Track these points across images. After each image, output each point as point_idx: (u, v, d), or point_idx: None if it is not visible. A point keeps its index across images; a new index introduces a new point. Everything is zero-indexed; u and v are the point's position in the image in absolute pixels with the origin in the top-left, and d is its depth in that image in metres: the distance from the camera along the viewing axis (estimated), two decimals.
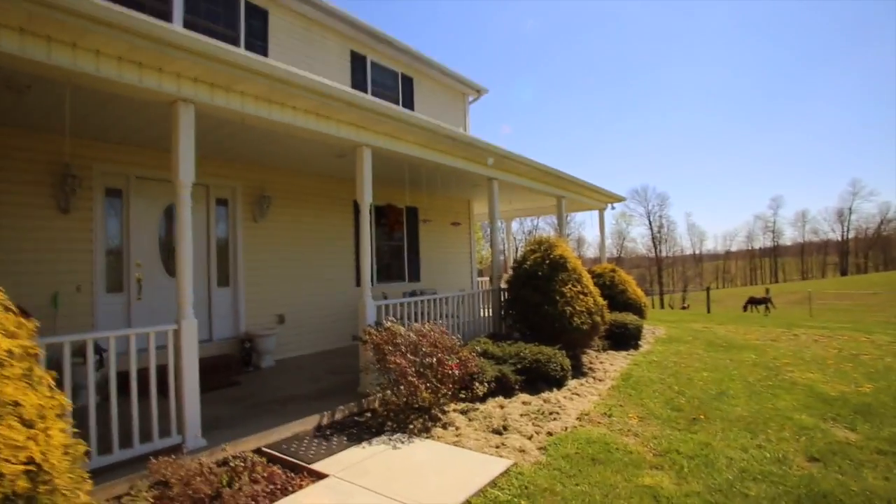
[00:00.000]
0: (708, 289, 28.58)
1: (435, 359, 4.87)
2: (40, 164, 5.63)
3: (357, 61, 9.62)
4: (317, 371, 6.88)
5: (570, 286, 7.40)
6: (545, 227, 44.82)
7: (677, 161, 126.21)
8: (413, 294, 9.42)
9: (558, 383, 6.40)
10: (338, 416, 5.02)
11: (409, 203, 10.65)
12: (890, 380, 6.59)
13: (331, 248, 8.76)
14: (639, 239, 66.77)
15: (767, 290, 28.91)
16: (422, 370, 4.84)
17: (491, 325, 8.15)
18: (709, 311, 24.66)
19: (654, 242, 62.01)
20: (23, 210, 5.52)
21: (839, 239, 70.76)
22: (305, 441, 4.42)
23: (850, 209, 68.35)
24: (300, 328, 8.13)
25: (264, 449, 4.21)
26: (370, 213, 10.05)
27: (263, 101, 4.63)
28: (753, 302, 27.74)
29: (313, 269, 8.43)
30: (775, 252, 72.39)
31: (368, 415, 5.14)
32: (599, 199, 12.86)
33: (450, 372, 4.84)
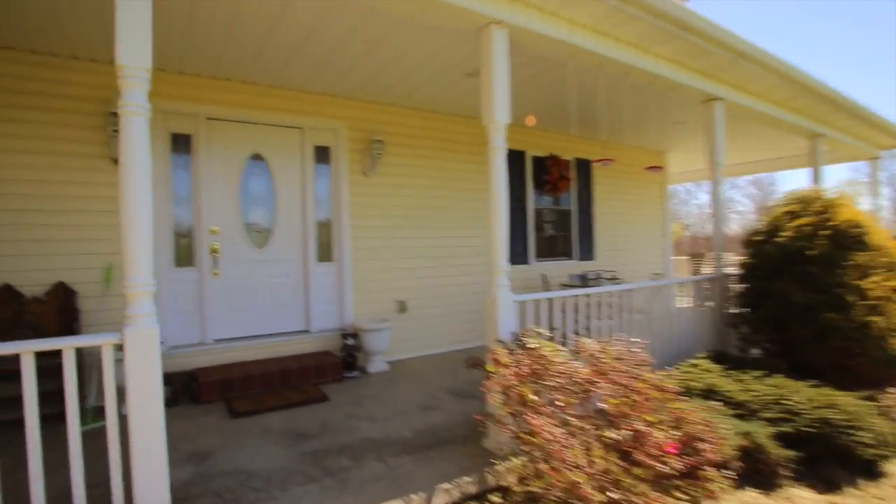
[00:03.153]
0: None
1: (626, 431, 2.32)
2: (86, 103, 4.35)
3: None
4: (436, 387, 4.77)
5: (874, 278, 4.09)
6: (741, 199, 32.45)
7: None
8: (584, 279, 6.77)
9: (868, 469, 3.31)
10: (439, 501, 2.80)
11: (580, 153, 7.89)
12: None
13: (469, 213, 6.55)
14: None
15: None
16: (591, 444, 2.33)
17: (708, 335, 5.17)
18: None
19: None
20: (65, 161, 4.30)
21: None
22: None
23: None
24: (427, 319, 6.13)
25: None
26: (525, 165, 7.59)
27: None
28: None
29: (445, 241, 6.33)
30: None
31: (496, 498, 2.84)
32: (878, 138, 8.45)
33: (659, 464, 2.25)
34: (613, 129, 7.41)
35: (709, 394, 3.73)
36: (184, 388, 4.34)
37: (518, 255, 7.01)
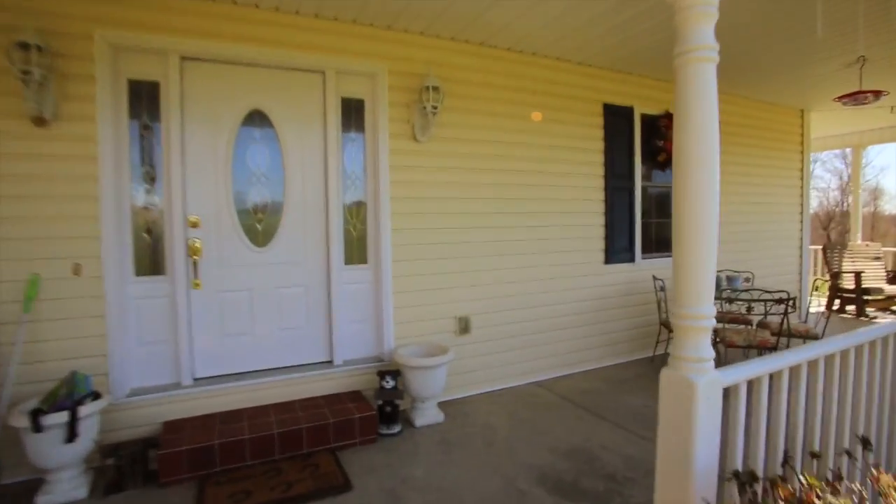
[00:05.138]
0: None
1: None
2: None
3: None
4: (519, 463, 3.08)
5: None
6: (821, 174, 24.31)
7: None
8: (717, 286, 4.81)
9: None
10: None
11: None
12: None
13: (559, 193, 4.73)
14: None
15: None
16: None
17: None
18: None
19: None
20: None
21: None
22: None
23: None
24: (498, 342, 4.43)
25: None
26: (634, 126, 5.33)
27: None
28: None
29: (527, 233, 4.55)
30: None
31: None
32: None
33: None
34: (759, 74, 5.31)
35: None
36: (136, 462, 2.87)
37: (622, 250, 5.14)
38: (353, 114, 3.85)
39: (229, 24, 3.37)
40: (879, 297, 7.62)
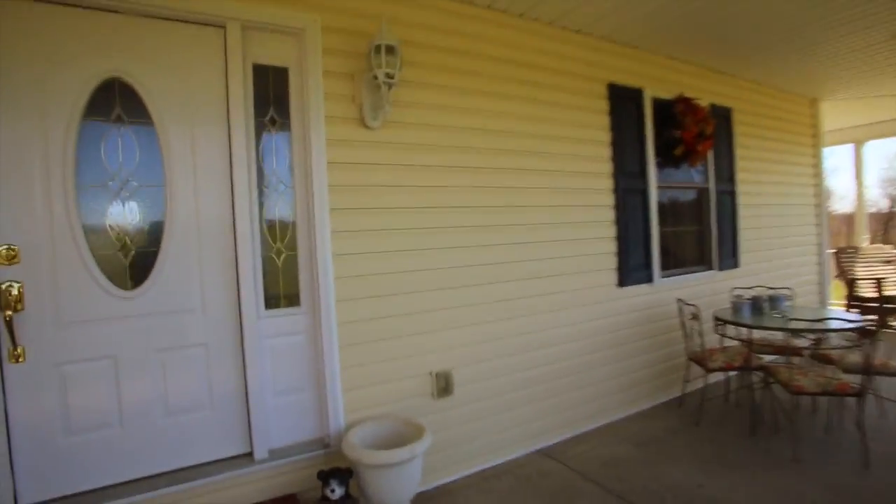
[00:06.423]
0: None
1: None
2: None
3: None
4: None
5: None
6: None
7: None
8: (757, 307, 3.81)
9: None
10: None
11: (717, 97, 4.86)
12: None
13: (561, 197, 3.63)
14: None
15: None
16: None
17: None
18: None
19: None
20: None
21: None
22: None
23: None
24: (490, 400, 3.25)
25: None
26: (644, 112, 3.74)
27: None
28: None
29: (520, 252, 3.40)
30: None
31: None
32: None
33: None
34: (769, 53, 4.39)
35: None
36: None
37: (638, 269, 4.06)
38: (272, 88, 2.66)
39: None
40: None
